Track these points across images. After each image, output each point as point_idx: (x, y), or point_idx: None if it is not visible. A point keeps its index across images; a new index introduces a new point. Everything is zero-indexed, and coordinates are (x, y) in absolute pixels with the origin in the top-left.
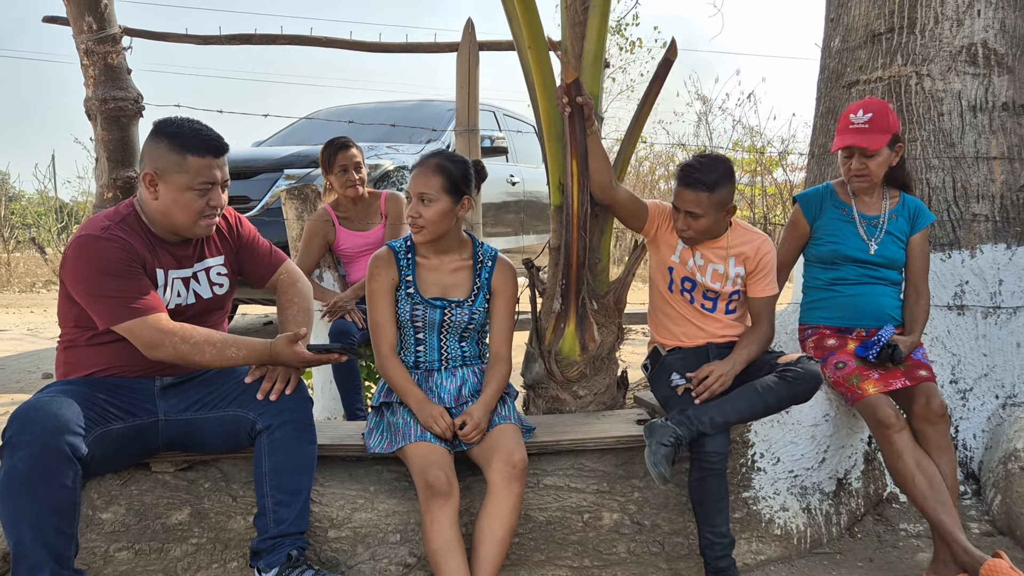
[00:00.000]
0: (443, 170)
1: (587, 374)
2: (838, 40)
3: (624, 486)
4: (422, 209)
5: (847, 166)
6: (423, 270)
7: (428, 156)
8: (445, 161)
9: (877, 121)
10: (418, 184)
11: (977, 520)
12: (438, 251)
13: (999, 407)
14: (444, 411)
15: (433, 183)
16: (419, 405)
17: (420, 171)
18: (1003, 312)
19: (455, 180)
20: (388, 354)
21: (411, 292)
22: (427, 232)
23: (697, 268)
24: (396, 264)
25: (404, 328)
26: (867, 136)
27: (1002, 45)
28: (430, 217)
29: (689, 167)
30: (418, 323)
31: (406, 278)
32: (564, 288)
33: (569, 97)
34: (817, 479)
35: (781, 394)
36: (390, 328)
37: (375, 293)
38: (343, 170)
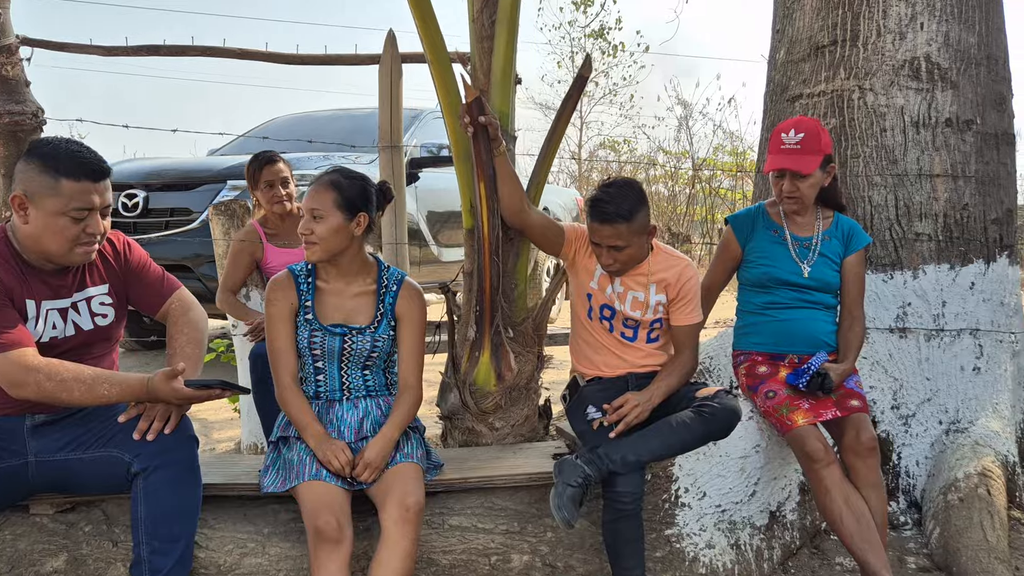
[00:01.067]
0: (336, 186)
1: (503, 405)
2: (783, 52)
3: (536, 526)
4: (314, 225)
5: (779, 187)
6: (324, 295)
7: (324, 172)
8: (339, 177)
9: (809, 142)
10: (310, 200)
11: (915, 553)
12: (340, 274)
13: (942, 433)
14: (345, 447)
15: (325, 199)
16: (318, 441)
17: (313, 187)
18: (946, 335)
19: (348, 196)
20: (288, 384)
21: (309, 318)
22: (319, 250)
23: (616, 296)
24: (295, 288)
25: (303, 356)
26: (799, 158)
27: (945, 59)
28: (321, 233)
29: (599, 201)
30: (316, 351)
31: (305, 303)
32: (478, 315)
33: (471, 116)
34: (747, 513)
35: (697, 431)
36: (289, 356)
37: (273, 319)
38: (269, 185)
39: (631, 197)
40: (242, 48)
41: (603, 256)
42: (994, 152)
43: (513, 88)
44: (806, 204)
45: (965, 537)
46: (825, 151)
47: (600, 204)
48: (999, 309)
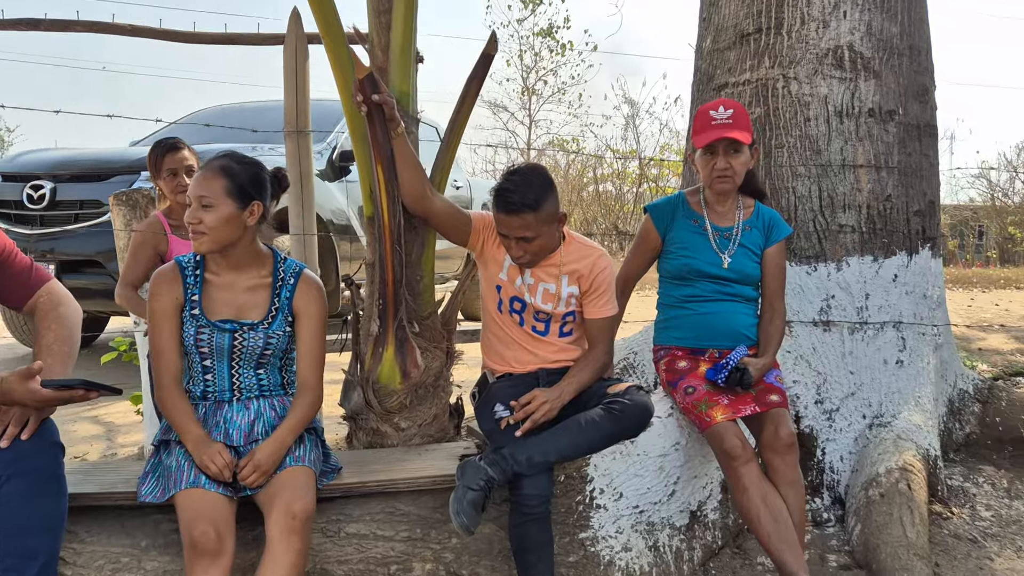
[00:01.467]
0: (227, 172)
1: (408, 404)
2: (709, 41)
3: (441, 532)
4: (202, 214)
5: (710, 166)
6: (213, 288)
7: (213, 158)
8: (231, 162)
9: (739, 119)
10: (198, 187)
11: (837, 551)
12: (231, 266)
13: (866, 427)
14: (223, 448)
15: (214, 186)
16: (196, 444)
17: (201, 173)
18: (870, 328)
19: (240, 183)
20: (168, 385)
21: (196, 313)
22: (208, 240)
23: (526, 287)
24: (182, 281)
25: (190, 354)
26: (735, 131)
27: (868, 48)
28: (211, 223)
29: (504, 191)
30: (203, 348)
31: (192, 297)
32: (381, 309)
33: (364, 94)
34: (666, 513)
35: (606, 430)
36: (172, 355)
37: (156, 314)
38: (172, 174)
39: (537, 184)
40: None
41: (512, 248)
42: (916, 143)
43: (414, 66)
44: (737, 184)
45: (885, 533)
46: (751, 131)
47: (505, 194)
48: (922, 302)
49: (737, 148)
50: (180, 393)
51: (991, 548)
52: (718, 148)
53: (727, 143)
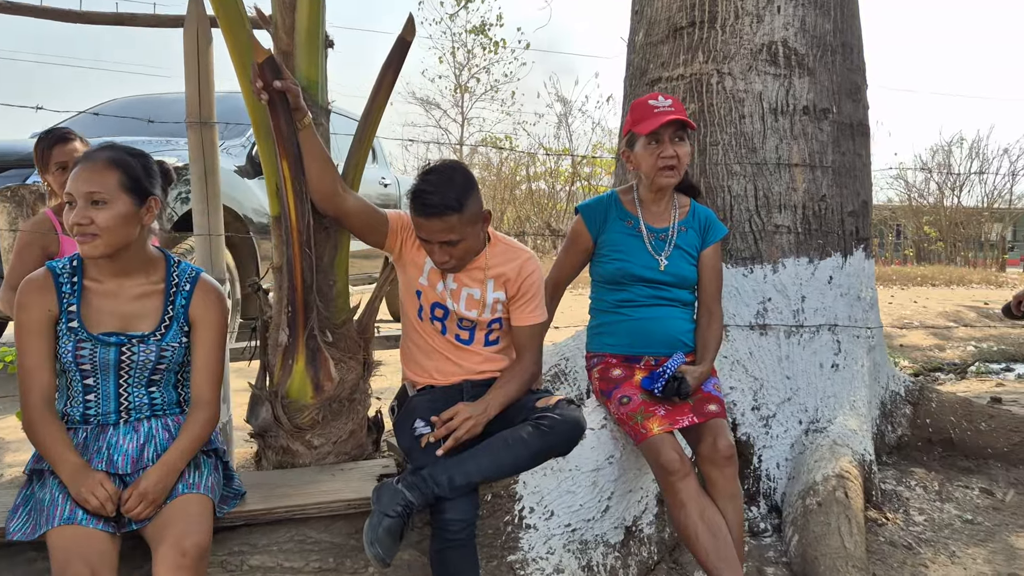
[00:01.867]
0: (120, 164)
1: (320, 420)
2: (642, 34)
3: (356, 560)
4: (94, 213)
5: (656, 154)
6: (94, 297)
7: (95, 149)
8: (121, 154)
9: (679, 107)
10: (84, 182)
11: (775, 563)
12: (116, 272)
13: (802, 433)
14: (105, 478)
15: (107, 181)
16: (72, 474)
17: (86, 167)
18: (806, 331)
19: (136, 177)
20: (37, 407)
21: (74, 326)
22: (102, 243)
23: (449, 293)
24: (56, 290)
25: (69, 372)
26: (680, 115)
27: (802, 45)
28: (106, 223)
29: (422, 193)
30: (84, 365)
31: (68, 308)
32: (290, 317)
33: (264, 81)
34: (600, 530)
35: (534, 447)
36: (42, 374)
37: (23, 329)
38: (61, 168)
39: (458, 182)
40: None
41: (436, 253)
42: (850, 143)
43: (323, 51)
44: (681, 176)
45: (823, 544)
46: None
47: (423, 196)
48: (856, 303)
49: (682, 137)
50: (52, 417)
51: (926, 554)
52: (664, 136)
53: (673, 130)
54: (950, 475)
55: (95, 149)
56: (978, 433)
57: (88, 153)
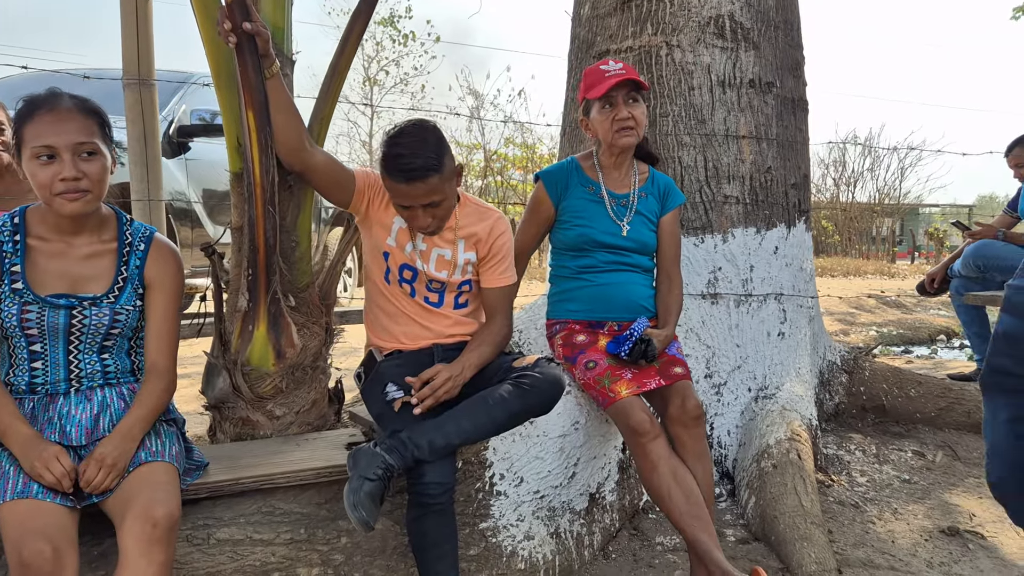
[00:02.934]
0: (94, 111)
1: (284, 388)
2: (588, 7)
3: (328, 531)
4: (87, 166)
5: (611, 118)
6: (40, 257)
7: (44, 96)
8: (86, 101)
9: (631, 70)
10: (70, 133)
11: (732, 525)
12: (65, 229)
13: (751, 400)
14: (61, 450)
15: (93, 128)
16: (24, 446)
17: (62, 116)
18: (754, 300)
19: (107, 124)
20: None
21: (19, 287)
22: (93, 198)
23: (418, 254)
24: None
25: (13, 338)
26: (632, 76)
27: (748, 19)
28: (99, 175)
29: (400, 157)
30: (31, 330)
31: (11, 268)
32: (251, 280)
33: (233, 22)
34: (567, 497)
35: (514, 407)
36: None
37: None
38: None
39: (432, 141)
40: None
41: (418, 218)
42: (792, 117)
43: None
44: (640, 136)
45: (781, 504)
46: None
47: (401, 160)
48: (799, 274)
49: (635, 98)
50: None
51: (872, 512)
52: (617, 98)
53: (627, 91)
54: (884, 440)
55: (49, 96)
56: (908, 399)
57: (42, 100)
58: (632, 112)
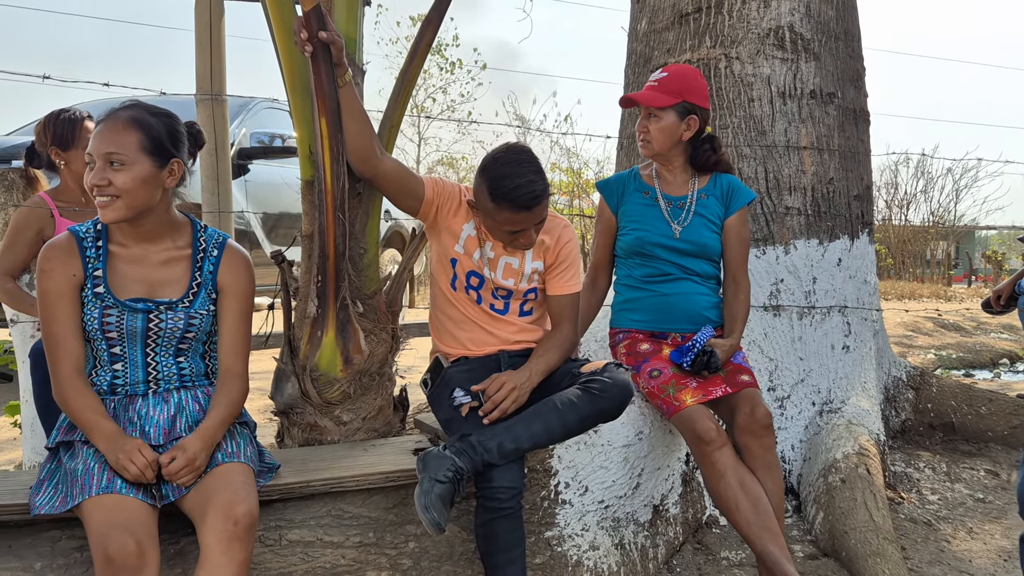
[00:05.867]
0: (140, 124)
1: (352, 394)
2: (645, 22)
3: (396, 535)
4: (112, 175)
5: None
6: (119, 262)
7: (116, 109)
8: (143, 113)
9: (668, 82)
10: (105, 143)
11: (800, 540)
12: (142, 237)
13: (816, 415)
14: (143, 445)
15: (127, 141)
16: (110, 441)
17: (106, 127)
18: (817, 312)
19: (157, 137)
20: (69, 376)
21: (100, 291)
22: (122, 205)
23: (486, 262)
24: (80, 255)
25: (95, 340)
26: (649, 92)
27: (808, 30)
28: (125, 184)
29: (519, 188)
30: (112, 333)
31: (94, 273)
32: (320, 287)
33: (309, 32)
34: (631, 508)
35: (584, 411)
36: (72, 342)
37: (49, 295)
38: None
39: (536, 163)
40: None
41: (529, 236)
42: (853, 128)
43: (361, 9)
44: (656, 150)
45: (851, 519)
46: (685, 96)
47: (521, 190)
48: (863, 287)
49: (655, 113)
50: (84, 385)
51: (945, 530)
52: (640, 109)
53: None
54: (955, 458)
55: (118, 108)
56: (979, 417)
57: (110, 112)
58: (648, 125)
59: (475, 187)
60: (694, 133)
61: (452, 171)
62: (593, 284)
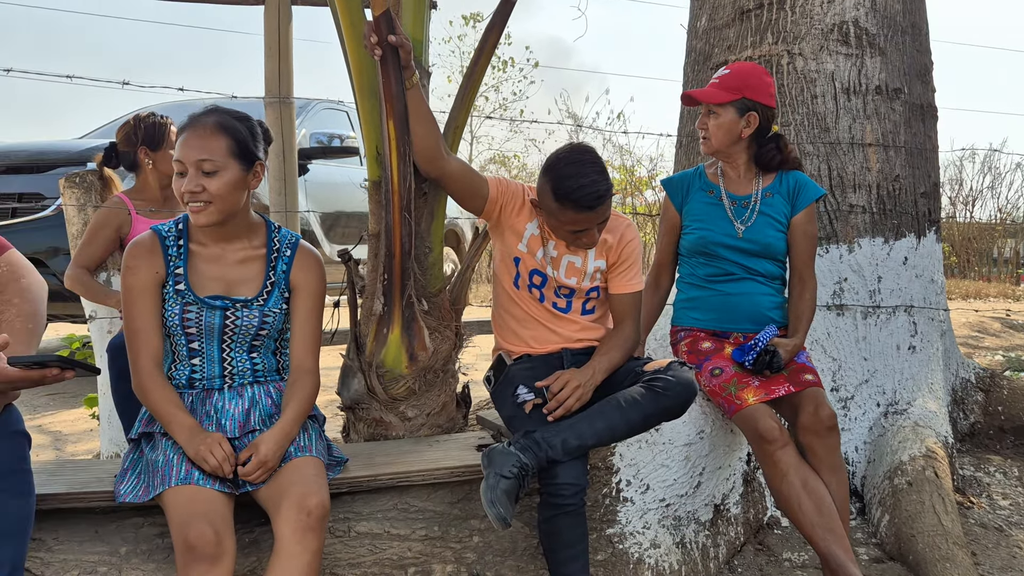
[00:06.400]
0: (227, 129)
1: (416, 390)
2: (704, 19)
3: (460, 529)
4: (205, 181)
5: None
6: (199, 261)
7: (199, 115)
8: (227, 118)
9: (728, 80)
10: (193, 150)
11: (864, 544)
12: (221, 236)
13: (880, 416)
14: (222, 438)
15: (216, 147)
16: (188, 434)
17: (194, 133)
18: (883, 312)
19: (243, 141)
20: (149, 369)
21: (181, 289)
22: (215, 210)
23: (549, 260)
24: (163, 253)
25: (175, 336)
26: (708, 89)
27: (873, 25)
28: (218, 190)
29: (583, 188)
30: (191, 329)
31: (175, 271)
32: (386, 285)
33: (379, 35)
34: (692, 507)
35: (648, 409)
36: (151, 336)
37: (132, 291)
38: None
39: (600, 163)
40: None
41: (592, 236)
42: (920, 124)
43: (428, 12)
44: (715, 147)
45: (918, 523)
46: (744, 93)
47: (585, 190)
48: (930, 286)
49: (714, 110)
50: (162, 378)
51: (1018, 537)
52: (702, 106)
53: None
54: None
55: (201, 114)
56: None
57: (194, 118)
58: (707, 123)
59: (539, 187)
60: (755, 130)
61: (504, 169)
62: (656, 283)
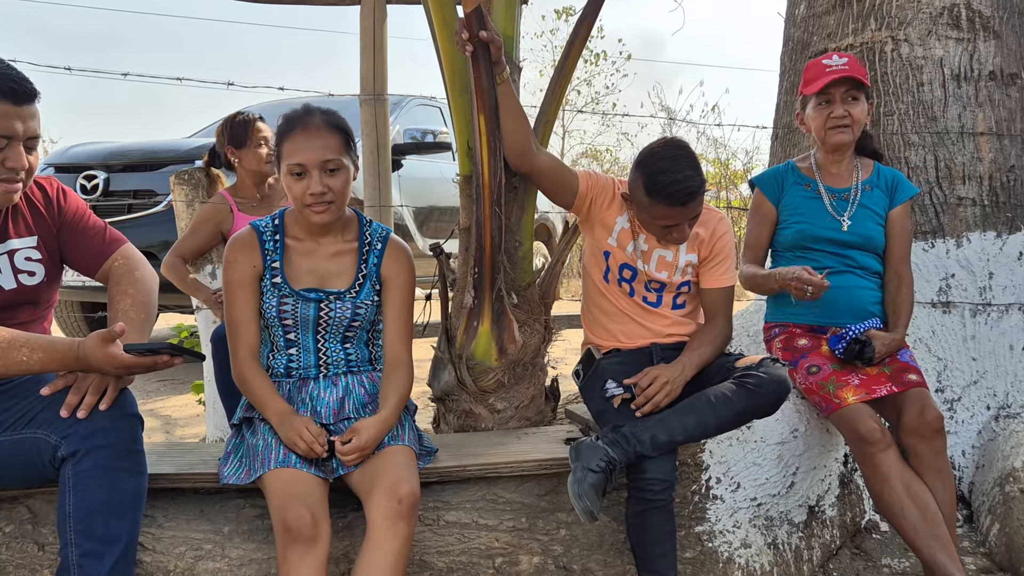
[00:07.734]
0: (338, 126)
1: (506, 383)
2: (803, 7)
3: (548, 521)
4: (330, 180)
5: (825, 115)
6: (294, 255)
7: (301, 115)
8: (332, 115)
9: (855, 65)
10: (316, 151)
11: (972, 552)
12: (316, 231)
13: (991, 419)
14: (309, 421)
15: (336, 145)
16: (281, 419)
17: (307, 134)
18: (994, 310)
19: (350, 136)
20: (246, 358)
21: (278, 282)
22: (336, 208)
23: (640, 254)
24: (260, 248)
25: (272, 327)
26: (853, 72)
27: (987, 7)
28: (341, 188)
29: (676, 183)
30: (287, 320)
31: (272, 264)
32: (476, 278)
33: (470, 32)
34: (785, 507)
35: (739, 406)
36: (250, 327)
37: (232, 284)
38: (259, 144)
39: (693, 158)
40: None
41: (683, 231)
42: None
43: (518, 7)
44: (855, 135)
45: None
46: (867, 82)
47: (678, 185)
48: None
49: (855, 96)
50: (259, 367)
51: None
52: (835, 95)
53: (845, 89)
54: None
55: (301, 114)
56: None
57: (296, 119)
58: (849, 110)
59: (631, 181)
60: None
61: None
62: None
